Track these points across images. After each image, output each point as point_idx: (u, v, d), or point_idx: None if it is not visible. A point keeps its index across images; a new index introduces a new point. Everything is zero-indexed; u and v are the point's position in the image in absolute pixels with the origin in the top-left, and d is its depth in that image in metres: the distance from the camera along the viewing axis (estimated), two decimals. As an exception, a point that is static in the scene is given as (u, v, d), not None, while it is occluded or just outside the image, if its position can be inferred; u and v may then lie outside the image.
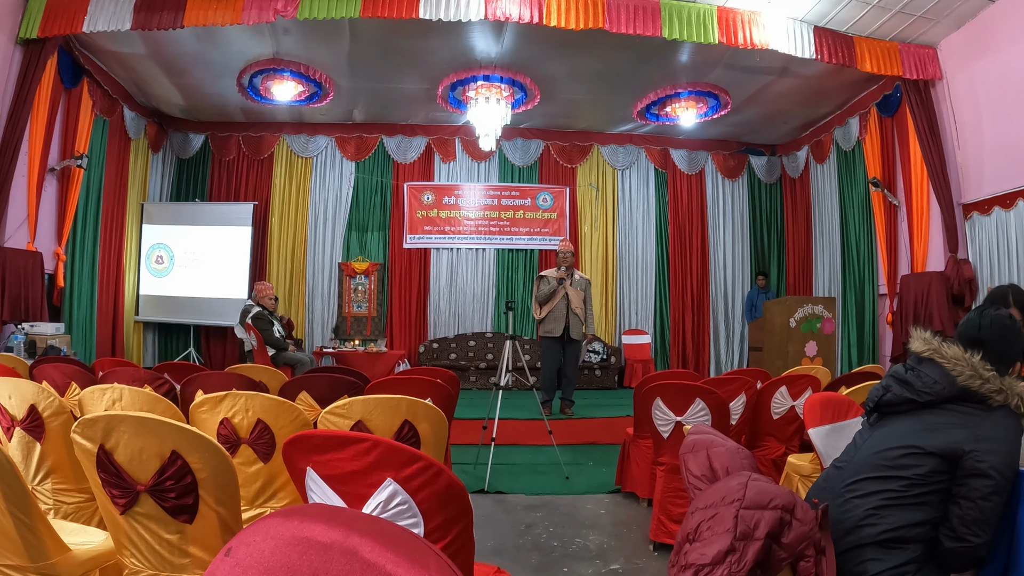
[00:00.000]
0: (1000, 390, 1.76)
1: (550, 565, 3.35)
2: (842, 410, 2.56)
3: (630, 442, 4.53)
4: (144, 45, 7.87)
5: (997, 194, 7.03)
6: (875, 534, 1.70)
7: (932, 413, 1.82)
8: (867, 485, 1.79)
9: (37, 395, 2.61)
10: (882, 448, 1.83)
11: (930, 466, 1.72)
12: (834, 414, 2.49)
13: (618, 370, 10.55)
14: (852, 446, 1.97)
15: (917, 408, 1.85)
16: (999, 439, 1.71)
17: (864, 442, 1.93)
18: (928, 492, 1.72)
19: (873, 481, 1.78)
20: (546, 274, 7.30)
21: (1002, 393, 1.76)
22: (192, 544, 1.85)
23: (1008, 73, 6.76)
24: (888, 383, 1.94)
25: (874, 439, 1.90)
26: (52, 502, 2.70)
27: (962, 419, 1.77)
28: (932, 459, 1.73)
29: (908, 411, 1.87)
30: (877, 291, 9.00)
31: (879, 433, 1.90)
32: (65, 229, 7.82)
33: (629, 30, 6.70)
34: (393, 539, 0.73)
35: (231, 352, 10.23)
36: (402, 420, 2.67)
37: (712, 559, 1.41)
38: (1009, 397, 1.77)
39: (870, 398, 2.00)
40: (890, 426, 1.89)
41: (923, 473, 1.72)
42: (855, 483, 1.82)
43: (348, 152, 10.86)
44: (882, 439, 1.86)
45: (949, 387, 1.80)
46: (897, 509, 1.72)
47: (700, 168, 11.47)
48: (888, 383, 1.94)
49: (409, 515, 1.50)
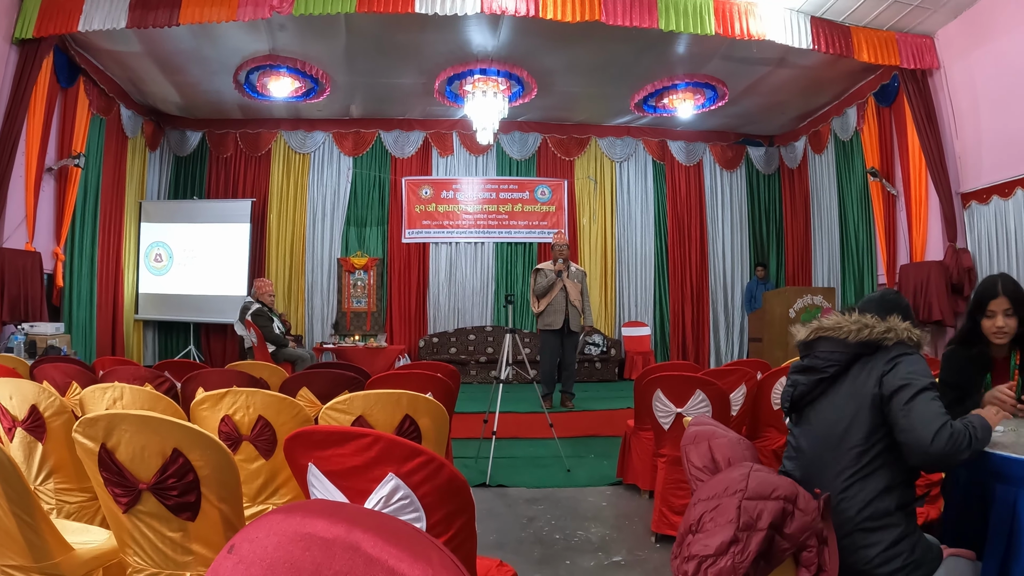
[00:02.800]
0: (888, 329, 1.86)
1: (552, 558, 3.36)
2: None
3: (631, 434, 4.54)
4: (140, 43, 7.85)
5: (995, 183, 7.02)
6: (853, 518, 1.74)
7: (842, 382, 1.89)
8: (825, 474, 1.83)
9: (38, 395, 2.61)
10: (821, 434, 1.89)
11: (865, 425, 1.79)
12: None
13: (618, 362, 10.56)
14: (792, 450, 2.00)
15: (829, 386, 1.92)
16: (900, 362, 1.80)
17: (800, 442, 1.97)
18: (877, 454, 1.77)
19: (828, 467, 1.83)
20: (542, 267, 7.29)
21: (891, 331, 1.86)
22: (195, 542, 1.85)
23: (1005, 62, 6.75)
24: (793, 380, 2.01)
25: (808, 433, 1.95)
26: (54, 502, 2.70)
27: (867, 369, 1.85)
28: (863, 417, 1.79)
29: (822, 393, 1.93)
30: (876, 281, 9.00)
31: (808, 427, 1.95)
32: (63, 229, 7.81)
33: (625, 22, 6.68)
34: (396, 534, 0.73)
35: (231, 349, 10.23)
36: (403, 415, 2.68)
37: (716, 550, 1.41)
38: (899, 333, 1.86)
39: (783, 401, 2.05)
40: (815, 413, 1.95)
41: (864, 436, 1.78)
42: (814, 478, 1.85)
43: (346, 147, 10.85)
44: (815, 428, 1.92)
45: (845, 349, 1.89)
46: (861, 483, 1.76)
47: (698, 159, 11.45)
48: (793, 380, 2.01)
49: (411, 509, 1.50)
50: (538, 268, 7.33)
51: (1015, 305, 2.37)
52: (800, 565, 1.49)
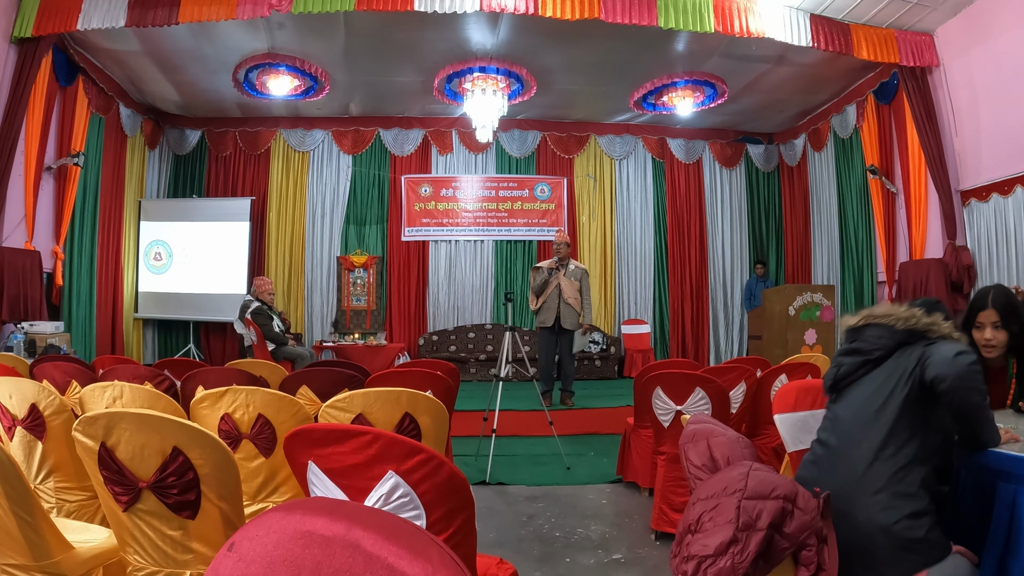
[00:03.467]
0: (933, 322, 1.96)
1: (552, 555, 3.36)
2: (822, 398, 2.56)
3: (631, 432, 4.54)
4: (139, 42, 7.85)
5: (995, 180, 7.03)
6: (883, 484, 1.78)
7: (886, 365, 1.96)
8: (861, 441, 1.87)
9: (38, 394, 2.61)
10: (858, 408, 1.94)
11: (901, 398, 1.85)
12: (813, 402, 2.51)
13: (618, 360, 10.57)
14: (829, 422, 2.05)
15: (872, 368, 1.99)
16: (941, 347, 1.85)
17: (838, 416, 2.02)
18: (911, 427, 1.82)
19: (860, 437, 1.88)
20: (541, 265, 7.35)
21: (935, 324, 1.95)
22: (195, 540, 1.85)
23: (1005, 60, 6.75)
24: (838, 361, 2.08)
25: (846, 409, 2.00)
26: (54, 500, 2.70)
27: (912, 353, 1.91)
28: (901, 392, 1.86)
29: (865, 373, 2.00)
30: (876, 278, 9.01)
31: (847, 403, 2.01)
32: (63, 227, 7.81)
33: (625, 20, 6.67)
34: (395, 532, 0.73)
35: (231, 348, 10.23)
36: (403, 413, 2.67)
37: (715, 550, 1.41)
38: (942, 328, 1.95)
39: (826, 380, 2.12)
40: (855, 390, 2.00)
41: (898, 408, 1.84)
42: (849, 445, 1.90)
43: (345, 146, 10.85)
44: (854, 402, 1.98)
45: (891, 335, 1.97)
46: (894, 451, 1.80)
47: (697, 157, 11.45)
48: (838, 361, 2.08)
49: (411, 507, 1.50)
50: (537, 266, 7.40)
51: (1004, 318, 2.37)
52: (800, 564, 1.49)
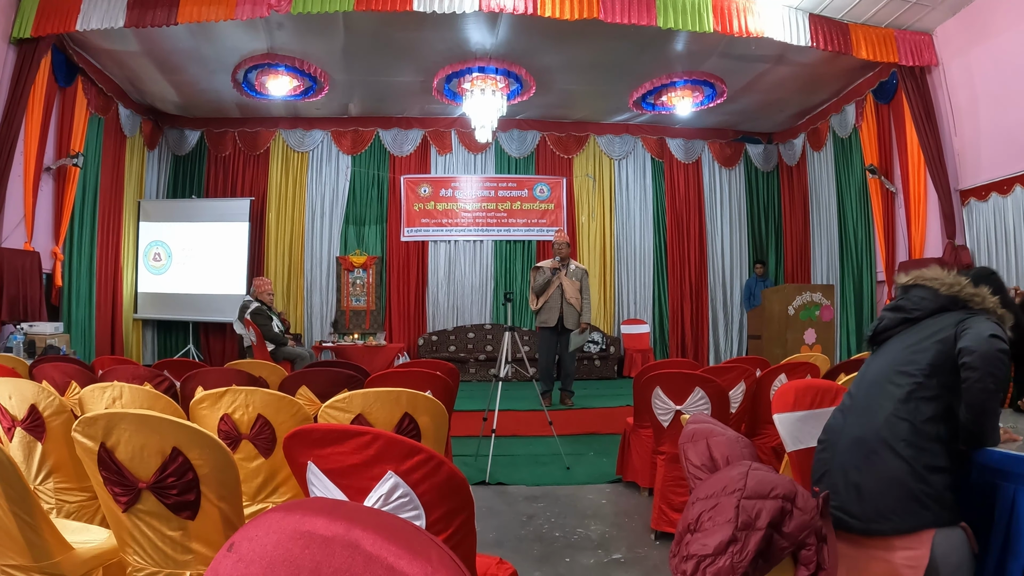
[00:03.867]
0: (977, 293, 2.01)
1: (552, 555, 3.36)
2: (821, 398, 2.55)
3: (630, 432, 4.54)
4: (138, 42, 7.85)
5: (994, 180, 7.04)
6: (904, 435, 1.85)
7: (924, 324, 2.04)
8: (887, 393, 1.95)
9: (37, 395, 2.61)
10: (889, 360, 2.04)
11: (931, 356, 1.92)
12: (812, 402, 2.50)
13: (617, 360, 10.57)
14: (859, 376, 2.14)
15: (910, 325, 2.08)
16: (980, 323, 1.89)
17: (869, 367, 2.11)
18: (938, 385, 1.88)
19: (886, 386, 1.96)
20: (541, 265, 7.33)
21: (979, 296, 2.00)
22: (195, 540, 1.86)
23: (1004, 59, 6.76)
24: (882, 315, 2.19)
25: (878, 360, 2.09)
26: (54, 501, 2.70)
27: (950, 319, 1.98)
28: (932, 350, 1.93)
29: (903, 330, 2.09)
30: (875, 278, 9.01)
31: (881, 355, 2.11)
32: (62, 228, 7.81)
33: (624, 20, 6.68)
34: (395, 532, 0.73)
35: (230, 348, 10.24)
36: (402, 413, 2.68)
37: (714, 549, 1.41)
38: (986, 301, 2.00)
39: (868, 331, 2.22)
40: (891, 344, 2.10)
41: (927, 364, 1.91)
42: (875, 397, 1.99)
43: (344, 146, 10.85)
44: (886, 356, 2.07)
45: (934, 299, 2.05)
46: (916, 404, 1.87)
47: (697, 157, 11.46)
48: (882, 315, 2.19)
49: (411, 507, 1.50)
50: (537, 266, 7.38)
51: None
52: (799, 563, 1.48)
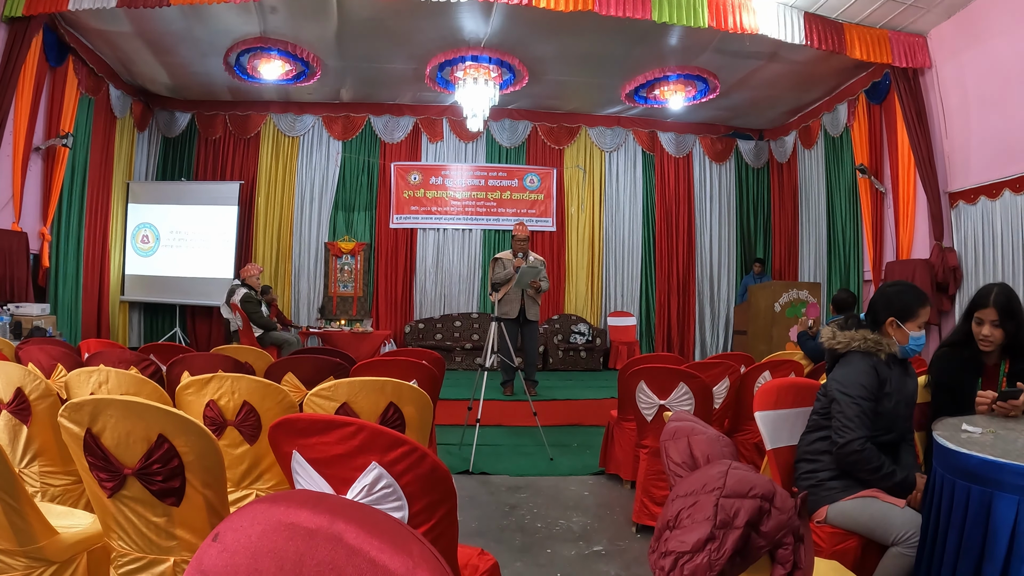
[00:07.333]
0: (845, 343, 2.50)
1: (533, 546, 3.39)
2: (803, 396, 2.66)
3: (614, 424, 4.58)
4: (130, 23, 7.75)
5: (983, 184, 7.09)
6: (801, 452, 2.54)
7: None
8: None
9: (23, 378, 2.60)
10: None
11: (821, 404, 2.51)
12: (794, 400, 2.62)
13: (603, 351, 10.60)
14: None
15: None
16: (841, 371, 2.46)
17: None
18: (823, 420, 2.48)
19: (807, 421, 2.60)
20: (501, 257, 7.23)
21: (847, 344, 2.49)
22: (179, 527, 1.87)
23: (997, 63, 6.80)
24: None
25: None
26: (39, 485, 2.70)
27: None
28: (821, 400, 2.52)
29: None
30: (862, 277, 9.08)
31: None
32: (50, 209, 7.74)
33: (618, 12, 6.66)
34: (377, 526, 0.74)
35: (216, 332, 10.21)
36: (387, 402, 2.69)
37: (692, 547, 1.43)
38: (853, 343, 2.48)
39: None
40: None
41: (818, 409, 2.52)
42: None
43: (335, 131, 10.79)
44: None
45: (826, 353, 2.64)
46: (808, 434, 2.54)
47: (688, 151, 11.48)
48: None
49: (394, 498, 1.52)
50: (496, 258, 7.25)
51: (1003, 317, 2.51)
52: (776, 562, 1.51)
